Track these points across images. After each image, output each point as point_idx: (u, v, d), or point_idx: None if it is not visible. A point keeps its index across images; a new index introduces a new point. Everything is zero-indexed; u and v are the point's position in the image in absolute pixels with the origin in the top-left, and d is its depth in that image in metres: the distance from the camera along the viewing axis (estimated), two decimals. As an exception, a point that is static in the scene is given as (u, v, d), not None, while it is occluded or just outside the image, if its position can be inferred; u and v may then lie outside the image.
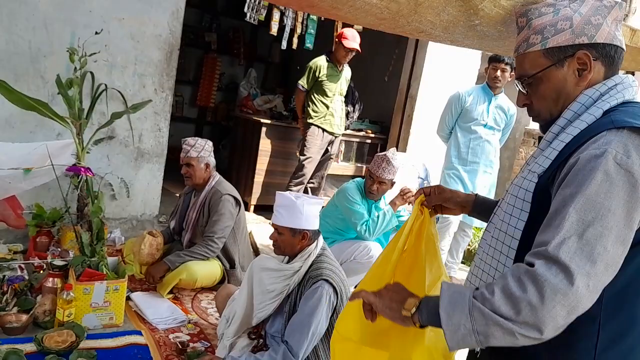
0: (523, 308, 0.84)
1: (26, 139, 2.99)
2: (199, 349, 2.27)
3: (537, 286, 0.83)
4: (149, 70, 3.48)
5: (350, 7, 1.15)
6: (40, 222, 2.94)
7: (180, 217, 3.09)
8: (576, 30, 0.99)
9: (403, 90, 5.13)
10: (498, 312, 0.85)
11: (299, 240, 1.98)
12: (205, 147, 2.94)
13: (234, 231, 2.97)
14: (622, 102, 0.98)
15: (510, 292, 0.85)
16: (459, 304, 0.89)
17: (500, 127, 3.56)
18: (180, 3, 3.51)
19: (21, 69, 3.06)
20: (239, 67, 6.60)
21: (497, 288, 0.87)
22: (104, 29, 3.03)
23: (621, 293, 0.93)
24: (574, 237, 0.85)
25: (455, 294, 0.92)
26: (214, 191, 2.92)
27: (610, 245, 0.85)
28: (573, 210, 0.87)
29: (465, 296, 0.90)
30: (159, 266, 2.77)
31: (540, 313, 0.83)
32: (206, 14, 6.27)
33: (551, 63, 1.02)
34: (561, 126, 1.01)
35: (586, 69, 1.00)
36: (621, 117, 0.93)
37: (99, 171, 3.27)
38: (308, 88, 4.21)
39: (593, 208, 0.85)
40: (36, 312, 2.20)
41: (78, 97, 2.63)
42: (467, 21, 1.30)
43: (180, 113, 6.23)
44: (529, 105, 1.10)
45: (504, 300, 0.85)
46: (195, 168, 2.90)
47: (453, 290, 0.93)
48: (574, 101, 1.01)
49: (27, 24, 3.03)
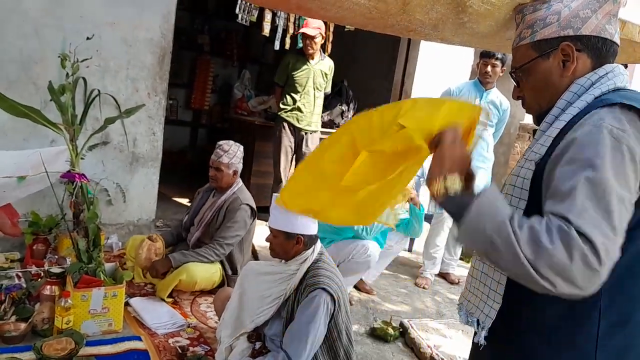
0: (546, 254, 0.81)
1: (19, 147, 2.98)
2: (198, 353, 2.27)
3: (565, 246, 0.80)
4: (142, 74, 3.47)
5: (339, 8, 1.14)
6: (36, 230, 2.94)
7: (194, 213, 3.09)
8: (562, 23, 1.03)
9: (397, 87, 5.14)
10: (522, 249, 0.82)
11: (293, 245, 1.98)
12: (237, 154, 2.97)
13: (243, 240, 2.98)
14: (613, 88, 1.00)
15: (538, 237, 0.82)
16: (490, 216, 0.86)
17: (492, 122, 3.56)
18: (171, 6, 3.50)
19: (13, 76, 3.05)
20: (232, 69, 6.59)
21: (526, 226, 0.84)
22: (95, 34, 3.01)
23: (621, 278, 0.93)
24: (590, 211, 0.83)
25: (498, 201, 0.89)
26: (234, 198, 2.94)
27: (623, 214, 0.85)
28: (582, 185, 0.85)
29: (503, 213, 0.86)
30: (163, 261, 2.78)
31: (566, 273, 0.80)
32: (198, 16, 6.25)
33: (538, 55, 1.06)
34: (555, 115, 1.03)
35: (569, 60, 1.03)
36: (613, 97, 0.96)
37: (94, 177, 3.26)
38: (282, 83, 4.20)
39: (601, 181, 0.85)
40: (34, 320, 2.19)
41: (71, 103, 2.62)
42: (456, 18, 1.30)
43: (175, 116, 6.21)
44: (522, 98, 1.14)
45: (529, 241, 0.82)
46: (224, 173, 2.93)
47: (495, 197, 0.90)
48: (567, 90, 1.03)
49: (17, 31, 3.02)
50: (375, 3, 1.09)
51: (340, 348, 1.93)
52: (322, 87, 4.27)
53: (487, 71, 3.40)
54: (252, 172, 4.58)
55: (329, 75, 4.31)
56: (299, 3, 1.22)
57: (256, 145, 4.55)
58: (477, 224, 0.88)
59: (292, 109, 4.17)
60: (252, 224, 3.02)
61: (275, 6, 3.18)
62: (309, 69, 4.14)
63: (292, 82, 4.13)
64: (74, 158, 2.61)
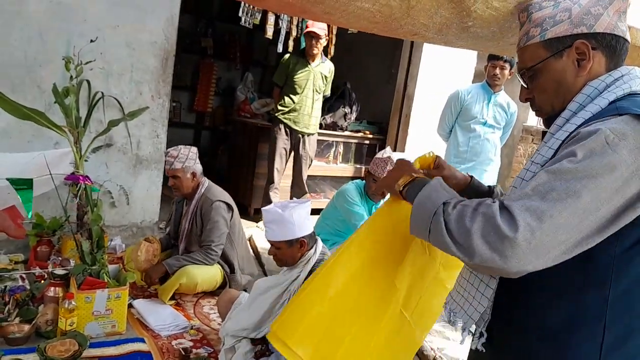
0: (463, 233, 0.88)
1: (24, 149, 2.99)
2: (202, 354, 2.27)
3: (484, 220, 0.87)
4: (145, 77, 3.49)
5: (343, 12, 1.15)
6: (40, 232, 2.94)
7: (175, 226, 3.08)
8: (575, 20, 0.99)
9: (400, 90, 5.15)
10: (447, 225, 0.91)
11: (297, 249, 1.98)
12: (190, 156, 2.88)
13: (230, 236, 2.95)
14: (629, 92, 0.95)
15: (464, 215, 0.90)
16: (430, 202, 0.98)
17: (500, 125, 3.56)
18: (174, 9, 3.51)
19: (17, 79, 3.07)
20: (235, 72, 6.60)
21: (460, 206, 0.92)
22: (99, 37, 3.03)
23: (628, 292, 0.91)
24: (535, 197, 0.85)
25: (433, 192, 1.00)
26: (204, 199, 2.89)
27: (568, 213, 0.83)
28: (545, 173, 0.87)
29: (439, 199, 0.97)
30: (157, 268, 2.77)
31: (474, 242, 0.86)
32: (201, 19, 6.27)
33: (550, 54, 1.01)
34: (566, 118, 0.99)
35: (585, 59, 0.99)
36: (626, 105, 0.91)
37: (97, 179, 3.28)
38: (281, 83, 4.18)
39: (564, 176, 0.85)
40: (38, 322, 2.20)
41: (75, 106, 2.63)
42: (460, 23, 1.30)
43: (178, 119, 6.22)
44: (531, 100, 1.09)
45: (455, 219, 0.91)
46: (182, 179, 2.86)
47: (434, 188, 1.01)
48: (579, 93, 0.99)
49: (22, 34, 3.03)
50: (380, 7, 1.10)
51: None
52: (322, 89, 4.26)
53: (495, 74, 3.40)
54: (254, 174, 4.59)
55: (328, 78, 4.29)
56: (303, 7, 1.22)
57: (259, 148, 4.56)
58: (420, 204, 0.99)
59: (289, 111, 4.16)
60: (234, 217, 2.97)
61: (279, 10, 3.19)
62: (309, 70, 4.13)
63: (292, 83, 4.12)
64: (78, 160, 2.62)
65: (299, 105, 4.15)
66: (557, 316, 0.94)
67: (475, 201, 0.92)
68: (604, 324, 0.91)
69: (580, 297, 0.92)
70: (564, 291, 0.93)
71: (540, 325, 0.96)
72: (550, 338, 0.95)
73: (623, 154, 0.84)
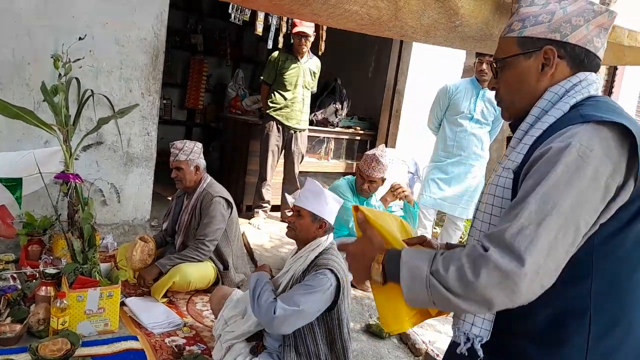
0: (472, 289, 0.87)
1: (13, 148, 2.97)
2: (195, 352, 2.29)
3: (488, 270, 0.86)
4: (135, 74, 3.47)
5: (331, 14, 1.15)
6: (31, 231, 2.93)
7: (173, 220, 3.09)
8: (553, 25, 1.01)
9: (390, 86, 5.16)
10: (450, 289, 0.89)
11: (316, 228, 2.00)
12: (194, 150, 2.93)
13: (226, 233, 2.97)
14: (587, 96, 1.00)
15: (464, 273, 0.88)
16: (418, 279, 0.94)
17: (488, 120, 3.59)
18: (164, 6, 3.49)
19: (5, 77, 3.03)
20: (226, 68, 6.58)
21: (453, 267, 0.90)
22: (87, 34, 3.01)
23: (609, 285, 0.94)
24: (531, 227, 0.87)
25: (413, 269, 0.95)
26: (205, 194, 2.93)
27: (568, 235, 0.87)
28: (533, 200, 0.88)
29: (424, 272, 0.93)
30: (150, 269, 2.78)
31: (489, 293, 0.86)
32: (191, 16, 6.24)
33: (521, 52, 1.04)
34: (530, 123, 1.02)
35: (548, 65, 1.02)
36: (589, 111, 0.94)
37: (88, 177, 3.26)
38: (270, 81, 4.19)
39: (552, 198, 0.87)
40: (30, 322, 2.20)
41: (64, 104, 2.61)
42: (448, 22, 1.32)
43: (169, 116, 6.20)
44: (496, 90, 1.13)
45: (456, 280, 0.89)
46: (185, 171, 2.90)
47: (411, 265, 0.96)
48: (540, 98, 1.02)
49: (9, 31, 3.00)
50: (368, 10, 1.10)
51: (339, 339, 1.95)
52: (311, 85, 4.28)
53: (482, 69, 3.43)
54: (246, 171, 4.58)
55: (316, 74, 4.32)
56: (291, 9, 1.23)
57: (250, 144, 4.55)
58: (409, 285, 0.95)
59: (281, 107, 4.16)
60: (232, 214, 3.00)
61: (267, 10, 3.19)
62: (299, 67, 4.14)
63: (282, 80, 4.12)
64: (68, 159, 2.61)
65: (291, 101, 4.16)
66: (545, 314, 0.96)
67: (466, 253, 0.91)
68: (589, 316, 0.94)
69: (565, 292, 0.94)
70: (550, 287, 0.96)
71: (530, 326, 0.98)
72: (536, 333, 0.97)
73: (595, 164, 0.87)
